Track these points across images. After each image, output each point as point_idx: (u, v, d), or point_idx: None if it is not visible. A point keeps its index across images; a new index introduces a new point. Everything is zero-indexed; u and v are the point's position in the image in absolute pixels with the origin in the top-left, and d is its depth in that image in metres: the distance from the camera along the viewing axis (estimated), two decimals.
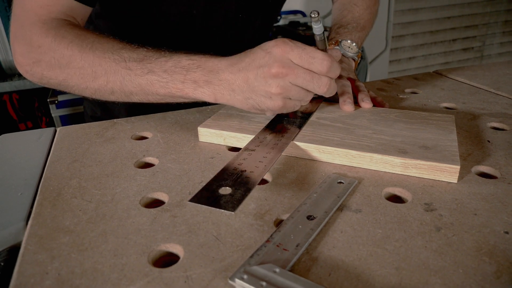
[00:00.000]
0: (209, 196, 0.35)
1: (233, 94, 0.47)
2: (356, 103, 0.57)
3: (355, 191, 0.41)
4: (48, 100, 1.67)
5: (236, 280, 0.29)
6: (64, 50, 0.51)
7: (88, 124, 0.60)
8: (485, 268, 0.30)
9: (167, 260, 0.33)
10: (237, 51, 0.70)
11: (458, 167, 0.41)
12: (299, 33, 1.98)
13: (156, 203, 0.41)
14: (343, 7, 0.77)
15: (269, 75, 0.45)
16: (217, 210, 0.33)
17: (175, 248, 0.34)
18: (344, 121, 0.52)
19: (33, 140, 0.56)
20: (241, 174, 0.38)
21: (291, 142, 0.47)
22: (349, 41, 0.66)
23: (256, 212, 0.38)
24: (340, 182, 0.41)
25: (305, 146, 0.47)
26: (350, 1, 0.77)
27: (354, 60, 0.69)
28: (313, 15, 0.47)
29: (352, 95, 0.57)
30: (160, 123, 0.59)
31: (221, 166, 0.40)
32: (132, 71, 0.49)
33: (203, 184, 0.38)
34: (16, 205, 0.41)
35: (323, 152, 0.46)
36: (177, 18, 0.68)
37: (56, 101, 1.67)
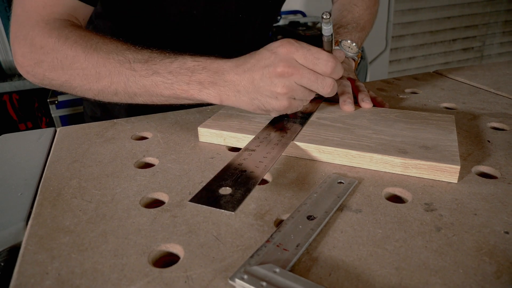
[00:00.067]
0: (209, 196, 0.35)
1: (238, 95, 0.47)
2: (356, 103, 0.57)
3: (355, 191, 0.41)
4: (48, 100, 1.67)
5: (236, 280, 0.29)
6: (68, 51, 0.50)
7: (88, 124, 0.60)
8: (485, 268, 0.30)
9: (167, 260, 0.33)
10: (237, 51, 0.70)
11: (458, 167, 0.41)
12: (299, 33, 1.98)
13: (156, 203, 0.41)
14: (343, 8, 0.77)
15: (274, 74, 0.45)
16: (217, 210, 0.33)
17: (175, 248, 0.34)
18: (344, 121, 0.52)
19: (33, 140, 0.56)
20: (241, 174, 0.38)
21: (291, 142, 0.47)
22: (349, 41, 0.67)
23: (256, 212, 0.38)
24: (340, 182, 0.41)
25: (305, 146, 0.47)
26: (350, 1, 0.77)
27: (354, 60, 0.69)
28: (324, 16, 0.47)
29: (352, 95, 0.57)
30: (160, 123, 0.59)
31: (221, 166, 0.40)
32: (137, 72, 0.49)
33: (203, 184, 0.38)
34: (16, 205, 0.41)
35: (323, 152, 0.46)
36: (177, 18, 0.68)
37: (56, 102, 1.67)
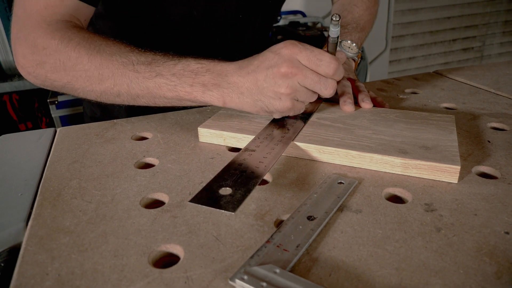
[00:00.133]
0: (209, 197, 0.35)
1: (242, 97, 0.47)
2: (356, 104, 0.57)
3: (355, 192, 0.41)
4: (48, 100, 1.67)
5: (237, 280, 0.29)
6: (71, 52, 0.50)
7: (88, 124, 0.60)
8: (486, 269, 0.30)
9: (167, 260, 0.33)
10: (237, 51, 0.70)
11: (459, 167, 0.41)
12: (299, 33, 1.98)
13: (156, 203, 0.41)
14: (342, 8, 0.77)
15: (278, 75, 0.45)
16: (218, 210, 0.33)
17: (175, 249, 0.34)
18: (344, 122, 0.52)
19: (33, 140, 0.56)
20: (242, 174, 0.38)
21: (292, 142, 0.47)
22: (349, 41, 0.67)
23: (256, 212, 0.38)
24: (340, 183, 0.41)
25: (306, 146, 0.47)
26: (350, 1, 0.77)
27: (354, 60, 0.69)
28: (334, 18, 0.47)
29: (352, 96, 0.57)
30: (160, 124, 0.59)
31: (221, 167, 0.40)
32: (140, 74, 0.49)
33: (203, 184, 0.38)
34: (16, 206, 0.41)
35: (323, 153, 0.46)
36: (178, 19, 0.68)
37: (56, 102, 1.67)
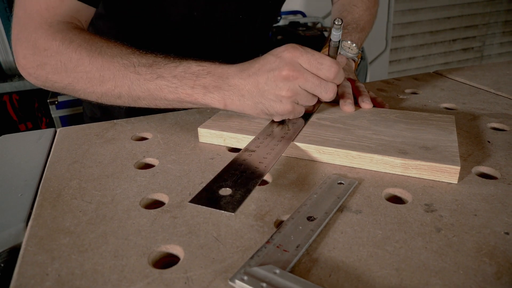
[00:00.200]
0: (209, 197, 0.35)
1: (242, 100, 0.48)
2: (356, 104, 0.57)
3: (355, 192, 0.41)
4: (48, 100, 1.67)
5: (236, 281, 0.29)
6: (72, 54, 0.50)
7: (88, 125, 0.60)
8: (486, 269, 0.30)
9: (167, 261, 0.33)
10: (238, 51, 0.70)
11: (459, 167, 0.41)
12: (299, 33, 1.98)
13: (156, 204, 0.41)
14: (342, 8, 0.77)
15: (279, 78, 0.45)
16: (217, 211, 0.33)
17: (175, 249, 0.34)
18: (344, 122, 0.52)
19: (33, 141, 0.56)
20: (242, 175, 0.38)
21: (292, 142, 0.47)
22: (349, 42, 0.67)
23: (256, 213, 0.38)
24: (340, 183, 0.41)
25: (306, 147, 0.47)
26: (350, 2, 0.77)
27: (354, 60, 0.69)
28: (336, 22, 0.48)
29: (352, 96, 0.57)
30: (160, 124, 0.59)
31: (221, 167, 0.40)
32: (141, 76, 0.49)
33: (203, 185, 0.38)
34: (16, 206, 0.41)
35: (323, 153, 0.46)
36: (178, 19, 0.68)
37: (56, 102, 1.67)
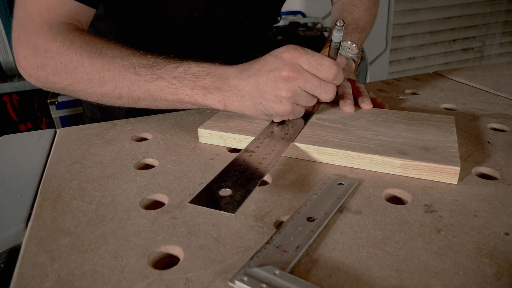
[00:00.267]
0: (209, 198, 0.35)
1: (242, 100, 0.48)
2: (356, 104, 0.57)
3: (355, 193, 0.41)
4: (48, 101, 1.67)
5: (236, 282, 0.29)
6: (73, 55, 0.51)
7: (88, 125, 0.60)
8: (485, 270, 0.30)
9: (167, 262, 0.33)
10: (237, 51, 0.69)
11: (458, 168, 0.41)
12: (299, 33, 1.98)
13: (156, 204, 0.41)
14: (342, 9, 0.77)
15: (279, 78, 0.45)
16: (217, 211, 0.33)
17: (175, 250, 0.34)
18: (344, 122, 0.52)
19: (33, 141, 0.56)
20: (241, 175, 0.38)
21: (291, 143, 0.47)
22: (349, 42, 0.67)
23: (256, 213, 0.38)
24: (340, 184, 0.41)
25: (305, 147, 0.47)
26: (350, 2, 0.77)
27: (354, 61, 0.69)
28: (338, 23, 0.48)
29: (352, 96, 0.57)
30: (160, 124, 0.59)
31: (221, 168, 0.40)
32: (141, 77, 0.49)
33: (203, 185, 0.38)
34: (16, 207, 0.41)
35: (323, 154, 0.46)
36: (178, 20, 0.68)
37: (56, 102, 1.67)
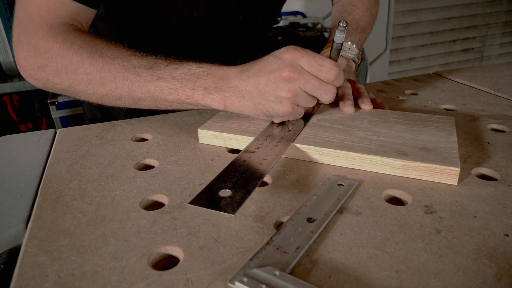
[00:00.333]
0: (209, 198, 0.35)
1: (242, 101, 0.48)
2: (356, 105, 0.57)
3: (355, 193, 0.41)
4: (48, 101, 1.67)
5: (236, 283, 0.29)
6: (73, 56, 0.51)
7: (88, 126, 0.60)
8: (485, 271, 0.30)
9: (167, 262, 0.33)
10: (237, 52, 0.69)
11: (458, 169, 0.41)
12: (299, 34, 1.98)
13: (156, 205, 0.41)
14: (343, 9, 0.77)
15: (280, 79, 0.45)
16: (217, 212, 0.33)
17: (175, 251, 0.34)
18: (344, 123, 0.52)
19: (33, 141, 0.56)
20: (241, 176, 0.38)
21: (291, 144, 0.47)
22: (349, 42, 0.67)
23: (256, 214, 0.38)
24: (340, 184, 0.41)
25: (305, 148, 0.47)
26: (350, 2, 0.77)
27: (354, 61, 0.69)
28: (341, 24, 0.48)
29: (352, 97, 0.57)
30: (160, 125, 0.59)
31: (221, 168, 0.40)
32: (142, 78, 0.50)
33: (203, 186, 0.38)
34: (16, 207, 0.41)
35: (323, 154, 0.46)
36: (178, 20, 0.68)
37: (56, 102, 1.67)
